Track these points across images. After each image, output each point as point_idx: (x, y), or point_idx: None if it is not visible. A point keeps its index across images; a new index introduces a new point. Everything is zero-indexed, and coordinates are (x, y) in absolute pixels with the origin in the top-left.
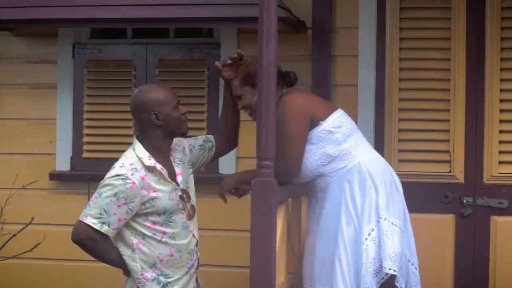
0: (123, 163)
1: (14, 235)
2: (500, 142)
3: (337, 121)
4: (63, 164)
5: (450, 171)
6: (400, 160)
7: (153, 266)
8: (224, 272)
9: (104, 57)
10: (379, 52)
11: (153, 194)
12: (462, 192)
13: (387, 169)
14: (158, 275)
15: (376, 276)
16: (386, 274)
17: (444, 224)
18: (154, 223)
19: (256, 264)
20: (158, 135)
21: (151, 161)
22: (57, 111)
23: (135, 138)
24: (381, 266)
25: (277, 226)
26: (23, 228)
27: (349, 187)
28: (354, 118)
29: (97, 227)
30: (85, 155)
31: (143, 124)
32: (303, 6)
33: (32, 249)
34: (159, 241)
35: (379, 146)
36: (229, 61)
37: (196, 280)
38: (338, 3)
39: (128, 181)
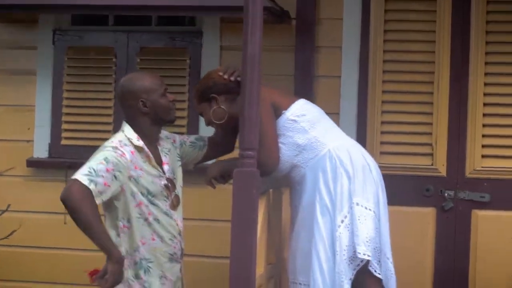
0: (112, 141)
1: None
2: (483, 136)
3: (300, 109)
4: (41, 151)
5: (432, 164)
6: (382, 152)
7: (136, 250)
8: (204, 263)
9: (85, 44)
10: (363, 44)
11: (139, 172)
12: (444, 186)
13: (358, 154)
14: (140, 259)
15: (351, 263)
16: (362, 260)
17: (425, 217)
18: (140, 202)
19: (236, 254)
20: (146, 122)
21: (139, 142)
22: (36, 97)
23: (124, 122)
24: (355, 252)
25: (258, 216)
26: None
27: (322, 176)
28: (337, 109)
29: (85, 182)
30: (63, 142)
31: (130, 111)
32: None
33: (7, 236)
34: (144, 223)
35: (361, 138)
36: None
37: (181, 275)
38: None
39: (118, 151)
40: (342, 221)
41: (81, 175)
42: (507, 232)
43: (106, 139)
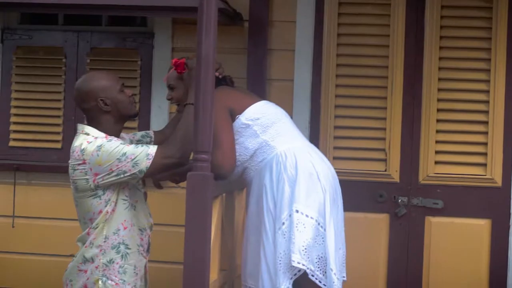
0: (87, 141)
1: None
2: (437, 142)
3: (254, 113)
4: None
5: (385, 170)
6: (335, 158)
7: (116, 233)
8: (159, 268)
9: (34, 44)
10: (316, 47)
11: None
12: (397, 192)
13: (306, 160)
14: (119, 243)
15: (288, 271)
16: (299, 269)
17: (378, 223)
18: (125, 186)
19: (190, 260)
20: (109, 120)
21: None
22: None
23: (81, 125)
24: (291, 260)
25: (212, 221)
26: None
27: (268, 180)
28: (289, 113)
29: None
30: (11, 143)
31: (92, 112)
32: None
33: None
34: (126, 207)
35: (314, 142)
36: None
37: (145, 271)
38: None
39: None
40: (279, 228)
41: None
42: (460, 238)
43: (55, 141)
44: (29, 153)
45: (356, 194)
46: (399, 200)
